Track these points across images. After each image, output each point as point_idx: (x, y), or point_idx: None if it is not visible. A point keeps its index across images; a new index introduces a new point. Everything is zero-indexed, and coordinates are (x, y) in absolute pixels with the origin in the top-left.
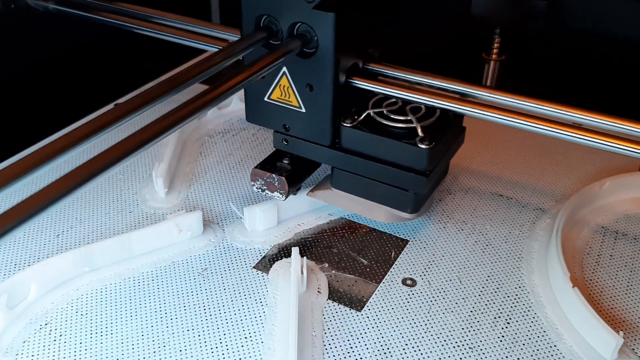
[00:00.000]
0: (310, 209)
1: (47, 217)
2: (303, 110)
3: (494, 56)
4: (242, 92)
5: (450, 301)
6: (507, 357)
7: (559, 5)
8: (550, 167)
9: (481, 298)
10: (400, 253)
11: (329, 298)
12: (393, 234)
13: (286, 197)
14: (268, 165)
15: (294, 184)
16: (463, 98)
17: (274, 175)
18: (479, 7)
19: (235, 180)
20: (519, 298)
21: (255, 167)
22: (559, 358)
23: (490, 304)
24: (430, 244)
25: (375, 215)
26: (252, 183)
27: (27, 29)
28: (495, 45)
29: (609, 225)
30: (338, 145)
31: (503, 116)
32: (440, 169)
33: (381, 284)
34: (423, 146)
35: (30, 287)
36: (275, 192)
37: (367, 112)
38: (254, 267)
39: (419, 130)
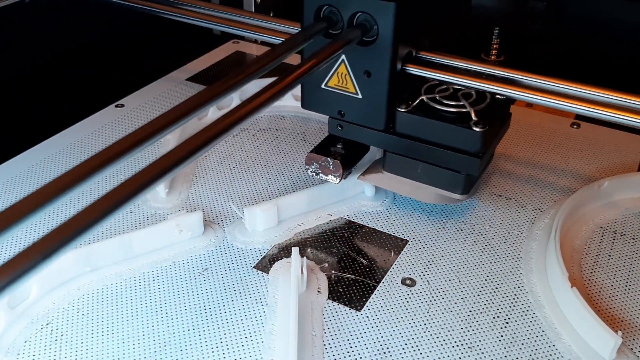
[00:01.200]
0: (310, 209)
1: (48, 217)
2: (359, 96)
3: (492, 57)
4: (240, 91)
5: (449, 301)
6: (505, 356)
7: (557, 6)
8: (549, 167)
9: (480, 298)
10: (399, 253)
11: (328, 298)
12: (392, 234)
13: (340, 180)
14: (322, 149)
15: (347, 167)
16: (513, 82)
17: (329, 159)
18: (478, 7)
19: (236, 180)
20: (517, 298)
21: (311, 152)
22: (558, 357)
23: (489, 303)
24: (430, 244)
25: (425, 197)
26: (307, 167)
27: (29, 29)
28: (494, 45)
29: (608, 225)
30: (392, 130)
31: (549, 99)
32: (490, 152)
33: (381, 284)
34: (477, 129)
35: (32, 287)
36: (330, 175)
37: (420, 98)
38: (254, 267)
39: (473, 114)
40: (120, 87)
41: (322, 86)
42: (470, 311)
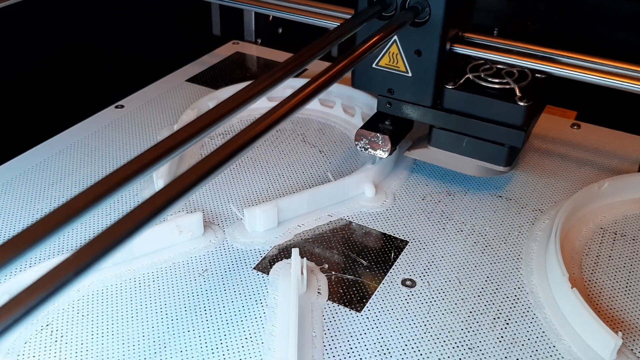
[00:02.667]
0: (310, 210)
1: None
2: (409, 74)
3: None
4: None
5: (449, 302)
6: (506, 357)
7: (557, 6)
8: (549, 169)
9: (480, 299)
10: (399, 254)
11: (328, 299)
12: (393, 235)
13: (389, 154)
14: (371, 126)
15: (395, 143)
16: (551, 60)
17: (378, 134)
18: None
19: (236, 181)
20: (518, 299)
21: (360, 128)
22: (558, 358)
23: (489, 304)
24: (430, 245)
25: (469, 169)
26: (356, 143)
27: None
28: None
29: (608, 226)
30: (440, 106)
31: (585, 74)
32: (532, 126)
33: (381, 285)
34: (522, 104)
35: None
36: (379, 150)
37: (466, 76)
38: (254, 268)
39: (517, 91)
40: (120, 88)
41: (373, 66)
42: (471, 312)
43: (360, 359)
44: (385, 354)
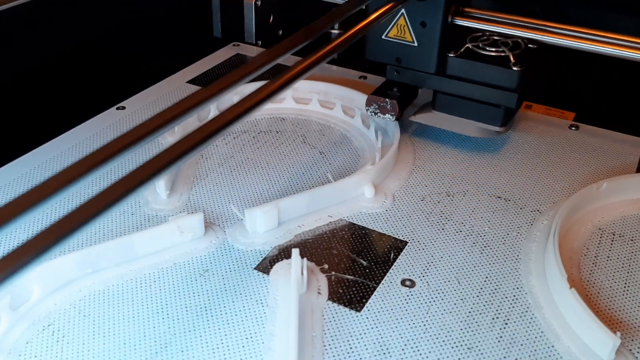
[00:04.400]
0: (310, 211)
1: (49, 219)
2: (415, 44)
3: None
4: (239, 96)
5: (448, 302)
6: (505, 357)
7: (556, 9)
8: (548, 169)
9: (479, 299)
10: (399, 254)
11: (328, 299)
12: (392, 235)
13: (397, 118)
14: (381, 92)
15: (402, 107)
16: (543, 30)
17: (387, 99)
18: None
19: (236, 182)
20: (517, 299)
21: (371, 94)
22: (557, 358)
23: (488, 304)
24: (429, 246)
25: (469, 131)
26: (367, 108)
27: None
28: None
29: (606, 227)
30: (443, 73)
31: (573, 42)
32: (525, 90)
33: (380, 285)
34: (516, 68)
35: (33, 289)
36: (387, 114)
37: (466, 45)
38: (254, 269)
39: (511, 57)
40: (121, 89)
41: (383, 37)
42: (470, 312)
43: (360, 359)
44: (384, 353)
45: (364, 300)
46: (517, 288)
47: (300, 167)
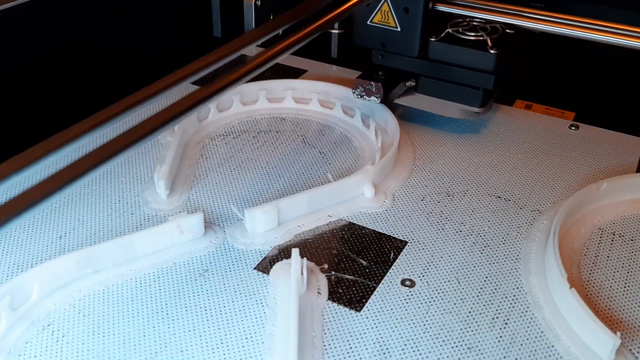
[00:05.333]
0: (310, 211)
1: (50, 219)
2: (399, 29)
3: None
4: (239, 96)
5: (448, 302)
6: (505, 357)
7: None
8: (548, 169)
9: (479, 299)
10: (399, 254)
11: (328, 299)
12: (392, 235)
13: (381, 100)
14: (366, 76)
15: (387, 90)
16: (521, 15)
17: (372, 82)
18: None
19: (236, 182)
20: (516, 299)
21: (356, 78)
22: (557, 358)
23: (488, 304)
24: (429, 245)
25: (450, 112)
26: (353, 90)
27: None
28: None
29: (606, 227)
30: (425, 57)
31: (548, 26)
32: (502, 73)
33: (380, 285)
34: (493, 52)
35: (33, 289)
36: (373, 97)
37: (447, 30)
38: (254, 268)
39: (489, 41)
40: (120, 88)
41: (368, 22)
42: (470, 312)
43: (360, 359)
44: (384, 353)
45: (363, 300)
46: (517, 288)
47: (300, 167)
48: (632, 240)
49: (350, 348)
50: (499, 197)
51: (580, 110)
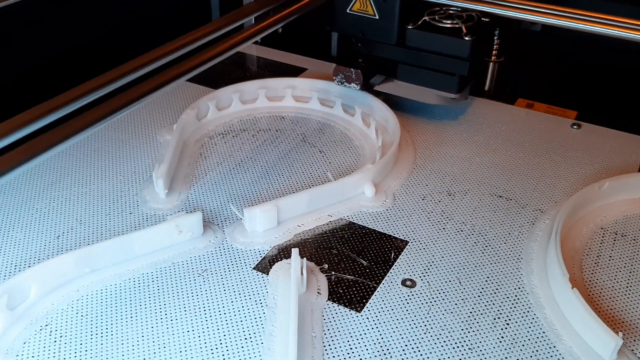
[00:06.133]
0: (310, 210)
1: (48, 218)
2: (377, 17)
3: (493, 57)
4: (238, 95)
5: (449, 302)
6: (506, 357)
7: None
8: (549, 169)
9: (480, 299)
10: (399, 254)
11: (328, 299)
12: (393, 235)
13: (360, 87)
14: (346, 63)
15: (367, 77)
16: (497, 4)
17: (352, 69)
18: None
19: (235, 181)
20: (518, 299)
21: (336, 65)
22: (559, 359)
23: (489, 304)
24: (430, 245)
25: (429, 99)
26: (334, 77)
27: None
28: (495, 46)
29: (608, 226)
30: (402, 44)
31: (521, 13)
32: (476, 60)
33: (381, 285)
34: (467, 39)
35: (31, 288)
36: (352, 84)
37: (423, 18)
38: (253, 268)
39: (464, 29)
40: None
41: (348, 10)
42: (471, 312)
43: (360, 359)
44: (385, 354)
45: (364, 301)
46: (519, 288)
47: (300, 166)
48: (634, 239)
49: (351, 349)
50: (501, 197)
51: (582, 109)
